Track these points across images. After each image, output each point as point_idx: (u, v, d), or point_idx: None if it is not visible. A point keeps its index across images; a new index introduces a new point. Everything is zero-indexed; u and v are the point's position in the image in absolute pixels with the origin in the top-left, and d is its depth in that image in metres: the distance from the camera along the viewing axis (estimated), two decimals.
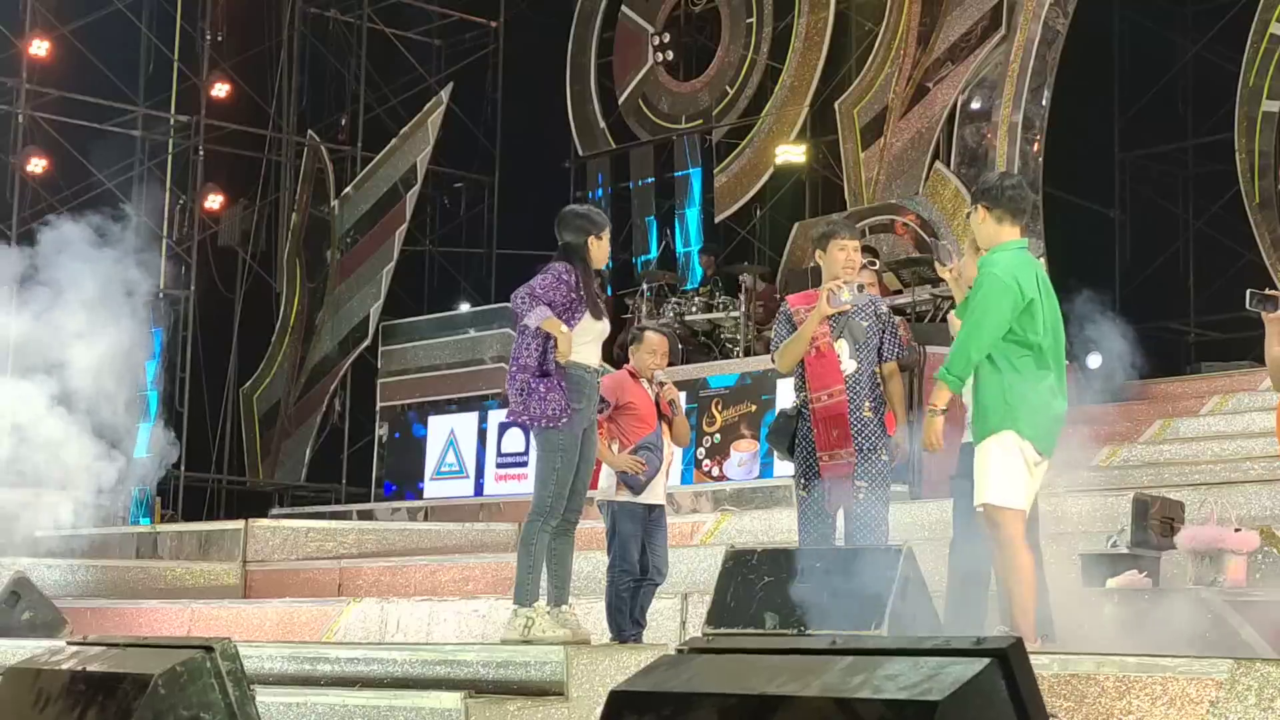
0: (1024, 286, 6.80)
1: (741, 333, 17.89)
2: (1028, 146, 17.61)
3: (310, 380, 22.30)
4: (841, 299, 7.79)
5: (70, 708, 3.03)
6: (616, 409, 9.01)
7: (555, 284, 7.85)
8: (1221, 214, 18.57)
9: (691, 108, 21.91)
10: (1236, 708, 5.18)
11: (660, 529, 9.24)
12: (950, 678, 1.97)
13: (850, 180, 19.34)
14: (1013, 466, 6.79)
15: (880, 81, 19.19)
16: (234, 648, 3.24)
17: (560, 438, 7.73)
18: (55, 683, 3.14)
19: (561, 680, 6.66)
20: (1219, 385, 15.04)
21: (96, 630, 12.91)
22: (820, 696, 2.01)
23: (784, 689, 2.08)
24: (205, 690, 3.01)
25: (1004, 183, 7.11)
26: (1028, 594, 6.72)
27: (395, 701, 6.79)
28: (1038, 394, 6.83)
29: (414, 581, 13.75)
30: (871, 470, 7.70)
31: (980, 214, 7.05)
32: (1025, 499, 6.84)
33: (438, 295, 23.52)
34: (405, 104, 23.16)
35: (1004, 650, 2.00)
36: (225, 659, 3.13)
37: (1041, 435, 6.85)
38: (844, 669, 2.09)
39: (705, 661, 2.24)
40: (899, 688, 1.97)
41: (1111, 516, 10.68)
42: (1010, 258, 6.94)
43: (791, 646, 2.19)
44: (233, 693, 3.08)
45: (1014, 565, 6.76)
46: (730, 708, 2.09)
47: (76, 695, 3.05)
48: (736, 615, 6.95)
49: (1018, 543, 6.77)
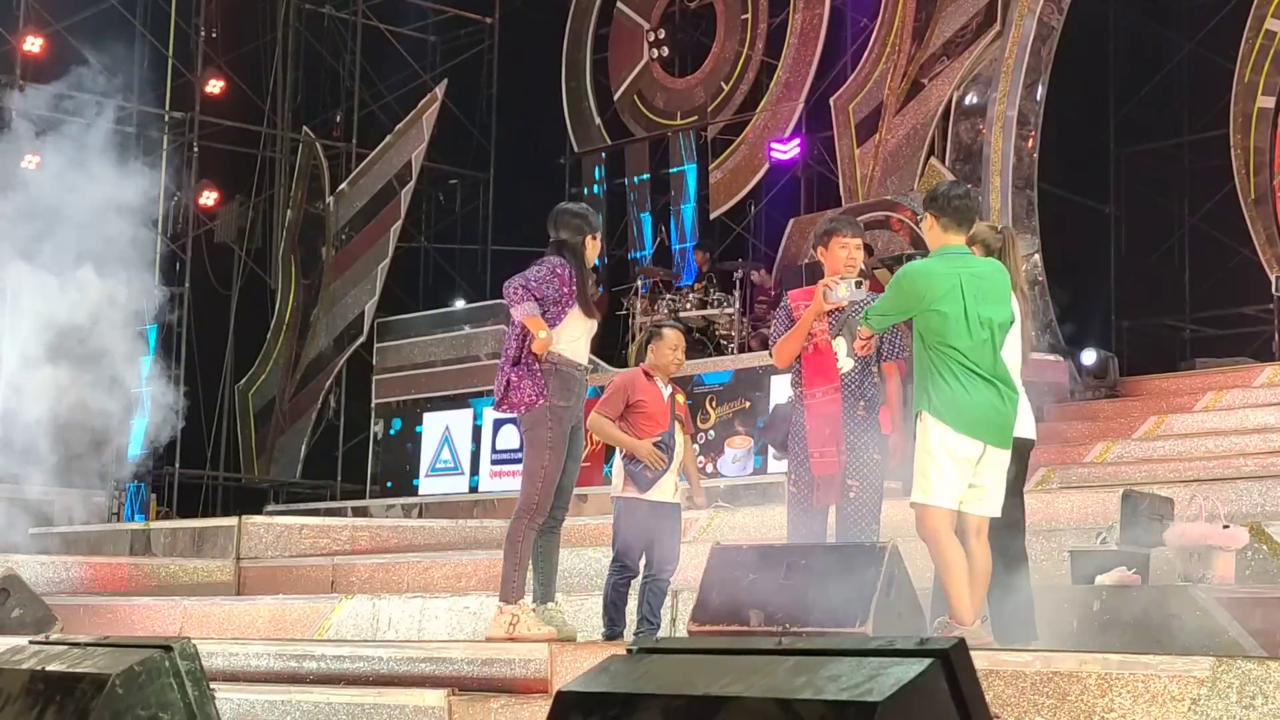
0: (926, 289, 7.02)
1: (736, 329, 17.88)
2: (1022, 142, 17.58)
3: (305, 377, 22.30)
4: (838, 295, 7.77)
5: (29, 707, 3.01)
6: (628, 407, 9.02)
7: (549, 277, 7.83)
8: (1216, 210, 18.57)
9: (687, 104, 21.91)
10: (1218, 705, 5.16)
11: (670, 526, 9.25)
12: (891, 678, 1.96)
13: (845, 176, 19.33)
14: (936, 465, 6.88)
15: (876, 77, 19.18)
16: (193, 647, 3.21)
17: (544, 432, 7.70)
18: (15, 682, 3.12)
19: (545, 678, 6.64)
20: (1213, 381, 15.02)
21: (89, 628, 12.89)
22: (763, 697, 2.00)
23: (728, 689, 2.06)
24: (164, 690, 2.99)
25: (952, 192, 7.37)
26: (960, 581, 6.84)
27: (380, 699, 6.77)
28: (960, 384, 6.94)
29: (406, 578, 13.73)
30: (863, 469, 7.67)
31: (928, 221, 7.34)
32: (950, 496, 6.90)
33: (433, 292, 23.52)
34: (400, 100, 23.15)
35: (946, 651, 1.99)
36: (184, 658, 3.11)
37: (968, 423, 6.91)
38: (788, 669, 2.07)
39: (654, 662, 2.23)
40: (840, 688, 1.96)
41: (1104, 513, 10.67)
42: (932, 263, 7.23)
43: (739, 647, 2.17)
44: (191, 692, 3.06)
45: (942, 559, 6.92)
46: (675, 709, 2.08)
47: (36, 695, 3.03)
48: (722, 611, 6.93)
49: (940, 536, 6.91)
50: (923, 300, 7.05)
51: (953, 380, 6.95)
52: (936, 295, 7.02)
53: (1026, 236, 16.99)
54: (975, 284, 7.12)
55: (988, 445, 6.99)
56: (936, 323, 7.01)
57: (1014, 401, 7.14)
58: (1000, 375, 7.07)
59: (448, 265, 24.25)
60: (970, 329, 7.01)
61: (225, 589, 14.89)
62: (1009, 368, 7.55)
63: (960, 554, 6.82)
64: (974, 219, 7.43)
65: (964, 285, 7.08)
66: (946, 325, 7.00)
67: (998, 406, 7.02)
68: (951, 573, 6.77)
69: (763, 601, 6.82)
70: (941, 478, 6.90)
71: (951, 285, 7.05)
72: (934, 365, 7.02)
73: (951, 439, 6.89)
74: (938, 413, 6.93)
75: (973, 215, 7.41)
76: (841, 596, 6.65)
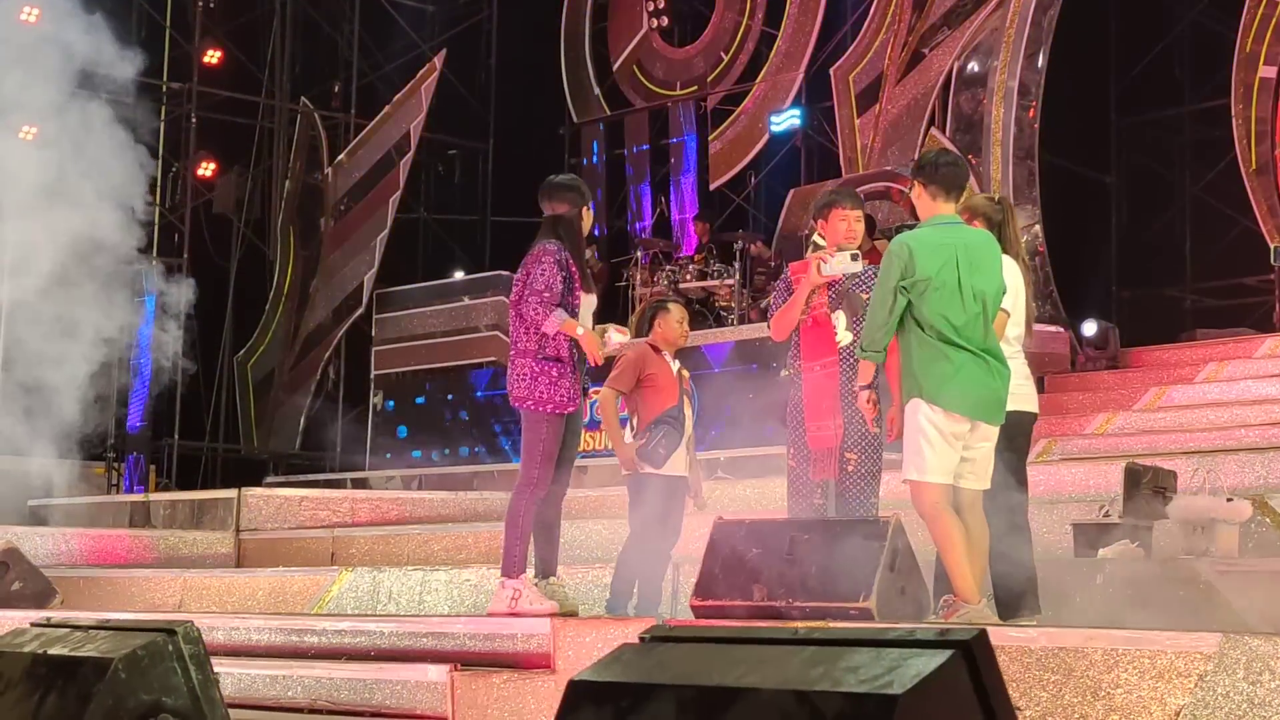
0: (921, 260, 6.88)
1: (736, 301, 17.83)
2: (1023, 112, 17.51)
3: (304, 348, 22.24)
4: (833, 267, 7.72)
5: (30, 692, 2.98)
6: (638, 382, 9.05)
7: (553, 273, 7.69)
8: (1218, 180, 18.50)
9: (686, 74, 21.83)
10: (1224, 681, 5.14)
11: (679, 501, 9.32)
12: (911, 670, 1.92)
13: (845, 147, 19.27)
14: (927, 440, 6.82)
15: (876, 47, 19.11)
16: (196, 631, 3.18)
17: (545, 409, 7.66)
18: (16, 666, 3.09)
19: (548, 653, 6.62)
20: (1215, 352, 14.99)
21: (88, 600, 12.88)
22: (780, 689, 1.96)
23: (743, 680, 2.02)
24: (167, 674, 2.95)
25: (940, 159, 7.29)
26: (961, 558, 6.78)
27: (381, 675, 6.75)
28: (944, 363, 6.86)
29: (407, 551, 13.73)
30: (862, 442, 7.63)
31: (917, 189, 7.24)
32: (944, 471, 6.84)
33: (432, 263, 23.45)
34: (399, 70, 23.05)
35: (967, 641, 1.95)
36: (187, 642, 3.08)
37: (956, 401, 6.85)
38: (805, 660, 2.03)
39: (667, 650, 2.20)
40: (859, 680, 1.92)
41: (1105, 485, 10.66)
42: (923, 232, 7.12)
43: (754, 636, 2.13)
44: (195, 676, 3.03)
45: (940, 535, 6.86)
46: (689, 699, 2.04)
47: (37, 679, 3.00)
48: (724, 587, 6.91)
49: (938, 512, 6.84)
50: (919, 269, 6.95)
51: (941, 360, 6.86)
52: (932, 265, 6.94)
53: (1027, 207, 16.95)
54: (968, 254, 7.04)
55: (977, 421, 6.95)
56: (931, 294, 6.92)
57: (1004, 376, 7.08)
58: (991, 349, 7.00)
59: (446, 236, 24.20)
60: (964, 302, 6.92)
61: (225, 561, 14.89)
62: (1014, 339, 7.52)
63: (960, 530, 6.76)
64: (964, 186, 7.31)
65: (958, 256, 7.00)
66: (941, 297, 6.91)
67: (988, 383, 6.95)
68: (954, 550, 6.72)
69: (766, 576, 6.80)
70: (934, 453, 6.84)
71: (947, 256, 6.96)
72: (919, 347, 6.91)
73: (942, 418, 6.83)
74: (929, 395, 6.85)
75: (962, 182, 7.29)
76: (845, 571, 6.63)
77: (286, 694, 7.03)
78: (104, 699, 2.81)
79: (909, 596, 6.71)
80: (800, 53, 20.10)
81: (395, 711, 6.59)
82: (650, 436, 9.20)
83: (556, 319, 7.53)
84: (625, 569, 9.25)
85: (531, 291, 7.59)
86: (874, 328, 6.97)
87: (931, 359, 6.87)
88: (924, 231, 7.12)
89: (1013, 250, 7.63)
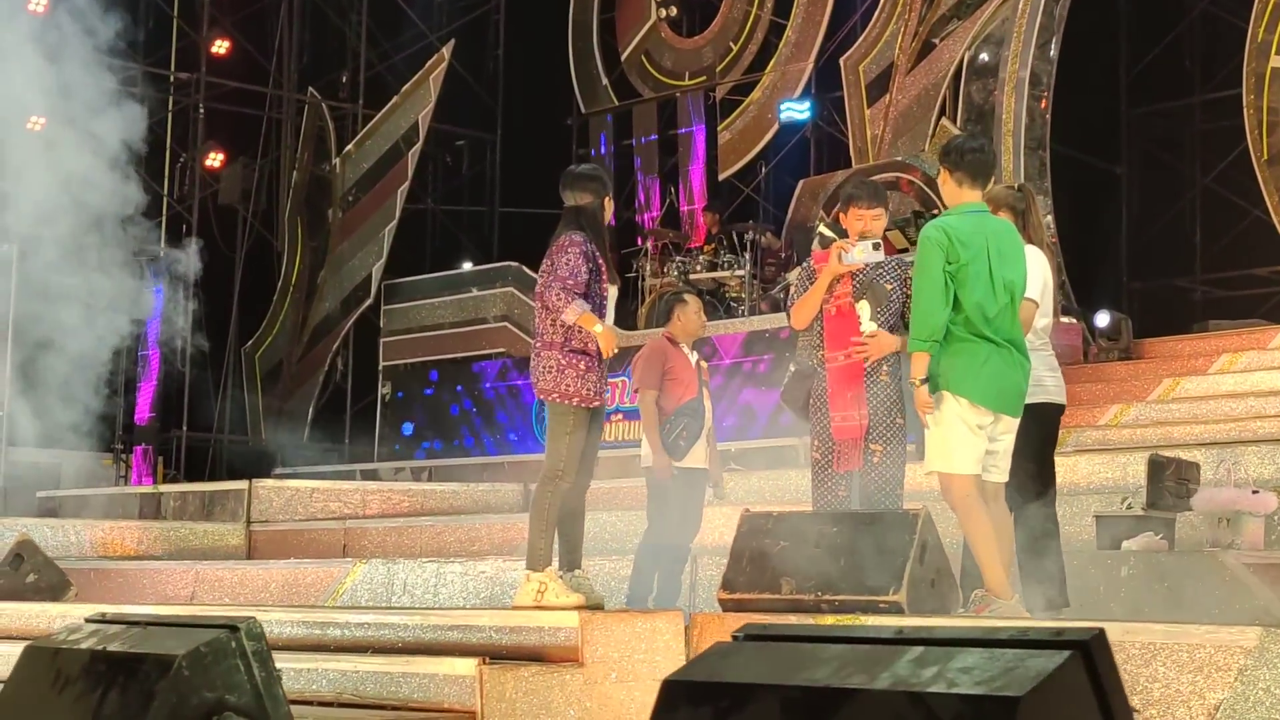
0: (959, 246, 6.78)
1: (747, 291, 17.79)
2: (1035, 103, 17.47)
3: (312, 339, 22.22)
4: (853, 257, 7.66)
5: (90, 689, 2.94)
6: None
7: (578, 264, 7.59)
8: (1228, 170, 18.46)
9: (695, 64, 21.76)
10: (1265, 675, 5.11)
11: (699, 493, 9.33)
12: (1030, 671, 1.87)
13: (855, 137, 19.22)
14: (953, 431, 6.75)
15: (886, 37, 19.04)
16: (259, 627, 3.15)
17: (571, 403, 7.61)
18: (75, 663, 3.05)
19: (576, 646, 6.58)
20: (1228, 343, 14.94)
21: (100, 592, 12.83)
22: (890, 690, 1.92)
23: (850, 681, 1.97)
24: (230, 671, 2.92)
25: (966, 145, 7.15)
26: (993, 551, 6.70)
27: (408, 668, 6.71)
28: (972, 354, 6.78)
29: (419, 542, 13.70)
30: (887, 434, 7.57)
31: (943, 175, 7.12)
32: (973, 461, 6.77)
33: (439, 254, 23.42)
34: (407, 61, 23.01)
35: (1085, 642, 1.91)
36: (250, 639, 3.04)
37: (982, 393, 6.78)
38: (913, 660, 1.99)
39: (761, 649, 2.14)
40: (975, 681, 1.87)
41: (1121, 476, 10.62)
42: (955, 219, 6.98)
43: (854, 635, 2.09)
44: (258, 673, 2.99)
45: (972, 527, 6.77)
46: (793, 700, 1.99)
47: (97, 676, 2.96)
48: (753, 579, 6.87)
49: (970, 503, 6.75)
50: (959, 255, 6.81)
51: (968, 351, 6.77)
52: (968, 253, 6.84)
53: (1039, 198, 16.90)
54: (997, 243, 6.96)
55: (1000, 414, 6.89)
56: (969, 283, 6.81)
57: (1026, 369, 7.01)
58: (1015, 341, 6.92)
59: (454, 227, 24.16)
60: (995, 292, 6.84)
61: (236, 553, 14.85)
62: (1040, 330, 7.47)
63: (990, 523, 6.69)
64: (991, 173, 7.16)
65: (989, 245, 6.92)
66: (977, 287, 6.82)
67: (1011, 375, 6.88)
68: (986, 543, 6.64)
69: (794, 569, 6.75)
70: (962, 443, 6.77)
71: (980, 245, 6.87)
72: (947, 338, 6.82)
73: (967, 409, 6.77)
74: (954, 387, 6.76)
75: (989, 169, 7.15)
76: (875, 564, 6.59)
77: (311, 687, 6.99)
78: (167, 696, 2.77)
79: (939, 590, 6.67)
80: (810, 43, 20.04)
81: (422, 705, 6.54)
82: (671, 429, 9.19)
83: (576, 309, 7.46)
84: (645, 562, 9.24)
85: (555, 278, 7.51)
86: (930, 315, 6.80)
87: (959, 350, 6.79)
88: (955, 219, 6.99)
89: (1036, 238, 7.58)
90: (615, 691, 6.58)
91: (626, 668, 6.62)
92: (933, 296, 6.80)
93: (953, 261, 6.80)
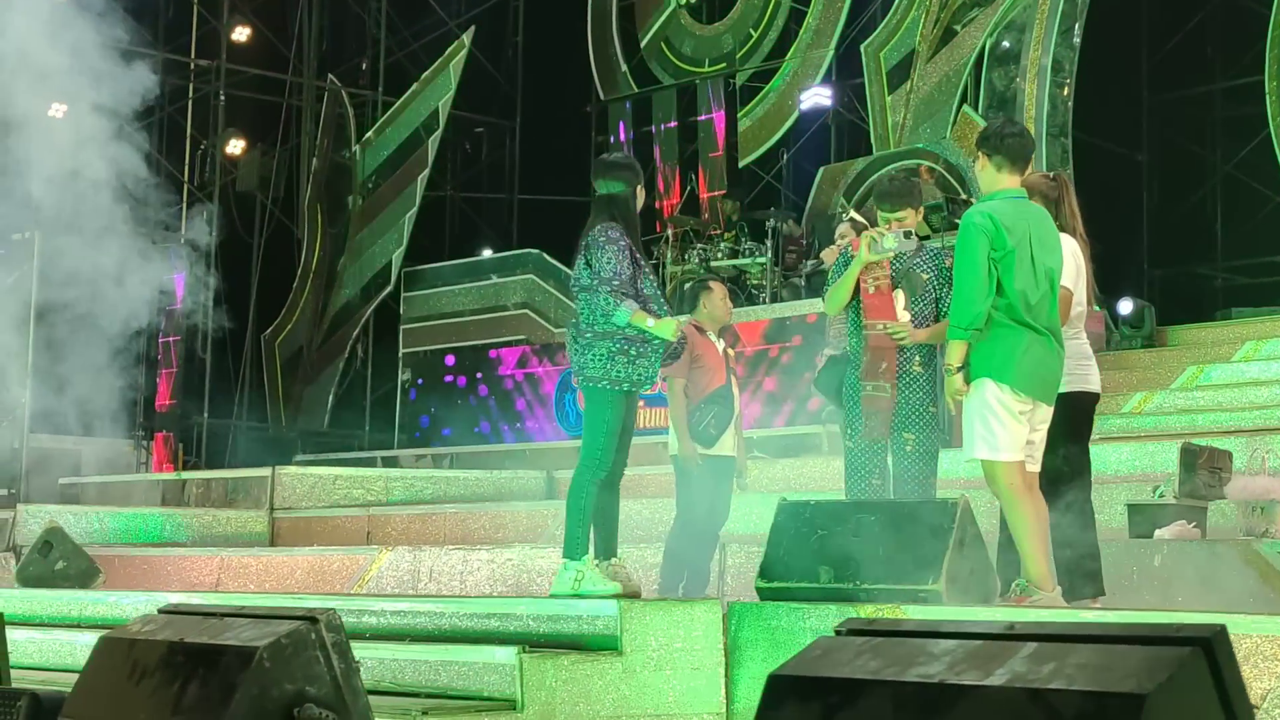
0: (1005, 232, 6.74)
1: (768, 279, 17.77)
2: (1057, 90, 17.44)
3: (332, 327, 22.24)
4: (885, 245, 7.65)
5: (169, 680, 2.95)
6: None
7: (619, 260, 7.48)
8: (1250, 157, 18.43)
9: (714, 51, 21.73)
10: None
11: (727, 481, 9.34)
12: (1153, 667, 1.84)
13: (876, 124, 19.20)
14: (997, 418, 6.71)
15: (907, 24, 19.01)
16: (339, 619, 3.16)
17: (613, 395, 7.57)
18: (152, 654, 3.06)
19: (615, 634, 6.57)
20: (1252, 331, 14.90)
21: (125, 579, 12.86)
22: (1008, 686, 1.92)
23: (965, 678, 1.97)
24: (310, 663, 2.93)
25: (1005, 130, 7.07)
26: (1036, 541, 6.66)
27: (447, 656, 6.71)
28: (1014, 342, 6.74)
29: (444, 530, 13.70)
30: (919, 423, 7.57)
31: (981, 161, 7.02)
32: (1016, 448, 6.74)
33: (458, 240, 23.44)
34: (426, 48, 23.01)
35: (1208, 638, 1.90)
36: (330, 630, 3.05)
37: (1024, 381, 6.75)
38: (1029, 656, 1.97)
39: (870, 644, 2.13)
40: (1097, 678, 1.86)
41: (1148, 464, 10.62)
42: (997, 205, 6.90)
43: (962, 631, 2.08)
44: (337, 664, 3.00)
45: (1018, 517, 6.71)
46: (907, 696, 1.99)
47: (176, 667, 2.97)
48: (790, 568, 6.87)
49: (1017, 491, 6.71)
50: (1004, 242, 6.72)
51: (1010, 338, 6.72)
52: (1012, 240, 6.76)
53: None
54: (1038, 230, 6.93)
55: (1039, 402, 6.87)
56: (1014, 270, 6.74)
57: (1062, 358, 6.99)
58: (1055, 329, 6.88)
59: (474, 214, 24.16)
60: (1037, 279, 6.81)
61: (259, 540, 14.88)
62: (1075, 318, 7.46)
63: (1034, 511, 6.67)
64: (1029, 157, 7.06)
65: (1031, 231, 6.88)
66: (1021, 274, 6.78)
67: (1050, 363, 6.86)
68: (1032, 533, 6.61)
69: (832, 558, 6.76)
70: (1005, 430, 6.72)
71: (1023, 231, 6.81)
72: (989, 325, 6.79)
73: (1010, 397, 6.74)
74: (997, 374, 6.71)
75: (1029, 153, 7.04)
76: (913, 553, 6.59)
77: None
78: (249, 688, 2.78)
79: (977, 579, 6.67)
80: (830, 29, 20.00)
81: (462, 693, 6.55)
82: (701, 417, 9.19)
83: (626, 310, 7.38)
84: (674, 551, 9.25)
85: (601, 281, 7.41)
86: (972, 303, 6.72)
87: (1000, 336, 6.74)
88: (998, 204, 6.89)
89: (1070, 226, 7.56)
90: (654, 680, 6.58)
91: (665, 656, 6.63)
92: (975, 284, 6.73)
93: (998, 249, 6.73)
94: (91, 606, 9.60)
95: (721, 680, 6.72)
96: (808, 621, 6.49)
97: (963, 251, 6.83)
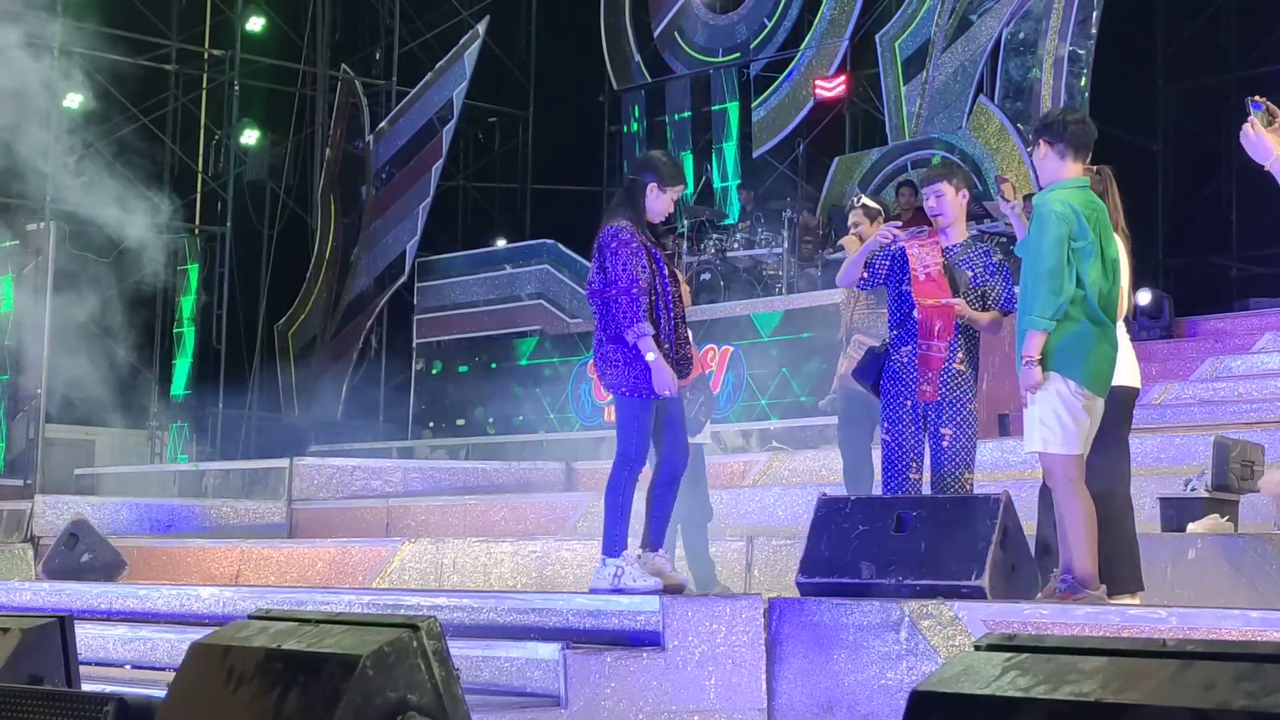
0: (1081, 223, 6.68)
1: (784, 269, 17.75)
2: (1074, 80, 17.42)
3: (346, 316, 22.23)
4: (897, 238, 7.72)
5: (268, 688, 2.95)
6: None
7: (629, 260, 7.36)
8: None
9: (728, 40, 21.70)
10: None
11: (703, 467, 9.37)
12: None
13: (891, 114, 19.18)
14: (1065, 411, 6.65)
15: (923, 14, 18.99)
16: (439, 626, 3.15)
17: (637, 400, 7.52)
18: (248, 661, 3.05)
19: (657, 630, 6.56)
20: (1271, 321, 14.87)
21: (145, 570, 12.85)
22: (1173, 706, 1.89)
23: (1124, 696, 1.95)
24: (412, 671, 2.92)
25: (1066, 117, 6.96)
26: (1084, 538, 6.60)
27: (489, 652, 6.70)
28: (1083, 337, 6.68)
29: (464, 521, 13.68)
30: (957, 418, 7.56)
31: (1042, 149, 6.89)
32: (1082, 443, 6.69)
33: (471, 230, 23.43)
34: (440, 38, 22.98)
35: None
36: (431, 638, 3.04)
37: (1090, 377, 6.71)
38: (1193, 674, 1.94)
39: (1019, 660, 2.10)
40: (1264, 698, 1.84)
41: (1171, 456, 10.60)
42: (1070, 193, 6.78)
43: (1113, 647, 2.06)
44: (438, 672, 3.00)
45: (1072, 511, 6.63)
46: (1061, 716, 1.97)
47: (275, 674, 2.96)
48: (832, 564, 6.87)
49: (1077, 488, 6.65)
50: (1081, 233, 6.61)
51: (1079, 333, 6.66)
52: (1088, 230, 6.64)
53: None
54: (1105, 221, 6.87)
55: (1097, 396, 6.84)
56: (1091, 262, 6.63)
57: (1117, 351, 6.97)
58: (1115, 322, 6.87)
59: (486, 204, 24.15)
60: (1106, 271, 6.75)
61: (277, 531, 14.88)
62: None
63: (1087, 508, 6.63)
64: (1091, 145, 6.91)
65: (1102, 223, 6.81)
66: (1094, 266, 6.65)
67: (1111, 357, 6.81)
68: (1083, 530, 6.56)
69: (874, 554, 6.76)
70: (1075, 424, 6.61)
71: (1094, 222, 6.74)
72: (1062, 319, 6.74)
73: (1075, 393, 6.70)
74: (1066, 369, 6.64)
75: (1091, 140, 6.88)
76: (955, 550, 6.58)
77: None
78: (354, 697, 2.77)
79: (1019, 574, 6.67)
80: (845, 19, 19.97)
81: (505, 689, 6.54)
82: (690, 405, 9.12)
83: (634, 334, 7.29)
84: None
85: (619, 291, 7.30)
86: (1055, 294, 6.60)
87: (1070, 330, 6.63)
88: (1070, 192, 6.75)
89: (1114, 220, 7.53)
90: (696, 676, 6.57)
91: (708, 652, 6.61)
92: (1057, 273, 6.61)
93: (1077, 239, 6.63)
94: (120, 600, 9.57)
95: (762, 676, 6.71)
96: (850, 618, 6.48)
97: (1041, 240, 6.70)
